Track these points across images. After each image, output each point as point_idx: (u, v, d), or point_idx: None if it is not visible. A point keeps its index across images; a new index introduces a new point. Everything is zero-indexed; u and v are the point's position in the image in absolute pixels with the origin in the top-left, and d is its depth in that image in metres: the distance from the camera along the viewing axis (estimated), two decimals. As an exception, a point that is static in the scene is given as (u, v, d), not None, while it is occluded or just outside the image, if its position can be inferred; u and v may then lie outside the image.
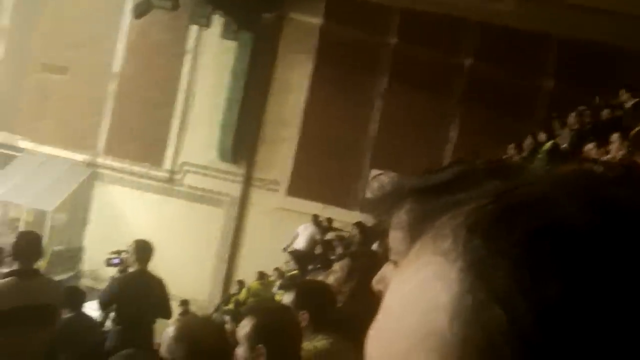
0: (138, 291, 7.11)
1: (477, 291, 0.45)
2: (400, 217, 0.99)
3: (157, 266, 7.54)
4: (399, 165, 15.24)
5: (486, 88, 17.28)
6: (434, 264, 0.48)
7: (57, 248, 17.78)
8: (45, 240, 5.84)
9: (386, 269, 1.10)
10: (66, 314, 6.43)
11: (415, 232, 0.60)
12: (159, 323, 7.36)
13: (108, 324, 7.09)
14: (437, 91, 17.78)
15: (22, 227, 16.64)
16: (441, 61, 17.71)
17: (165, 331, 3.08)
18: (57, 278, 12.95)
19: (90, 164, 19.71)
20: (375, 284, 1.12)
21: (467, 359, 0.44)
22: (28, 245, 5.64)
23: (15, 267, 5.58)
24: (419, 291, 0.47)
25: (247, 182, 18.92)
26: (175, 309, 9.18)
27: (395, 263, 1.04)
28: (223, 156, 18.81)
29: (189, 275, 16.74)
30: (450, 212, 0.51)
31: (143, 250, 7.19)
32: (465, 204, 0.50)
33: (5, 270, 5.82)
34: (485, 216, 0.48)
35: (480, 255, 0.46)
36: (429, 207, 0.63)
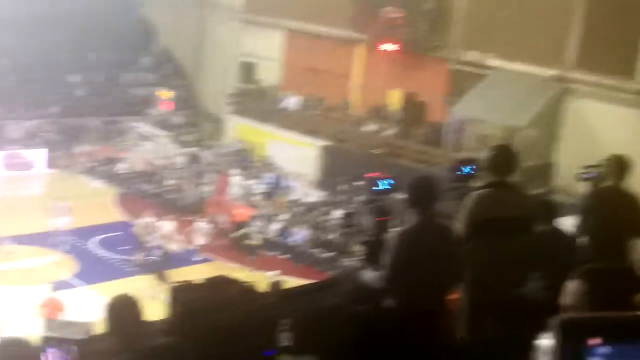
0: (611, 205, 6.94)
1: None
2: None
3: (635, 183, 7.21)
4: None
5: None
6: None
7: (528, 163, 18.07)
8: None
9: None
10: (540, 227, 6.48)
11: None
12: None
13: (582, 239, 7.00)
14: None
15: (494, 143, 17.21)
16: None
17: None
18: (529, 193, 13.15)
19: (560, 79, 19.46)
20: None
21: None
22: (503, 158, 5.78)
23: (490, 179, 5.77)
24: None
25: None
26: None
27: None
28: None
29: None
30: None
31: (620, 165, 6.98)
32: None
33: (481, 182, 6.06)
34: None
35: None
36: None
